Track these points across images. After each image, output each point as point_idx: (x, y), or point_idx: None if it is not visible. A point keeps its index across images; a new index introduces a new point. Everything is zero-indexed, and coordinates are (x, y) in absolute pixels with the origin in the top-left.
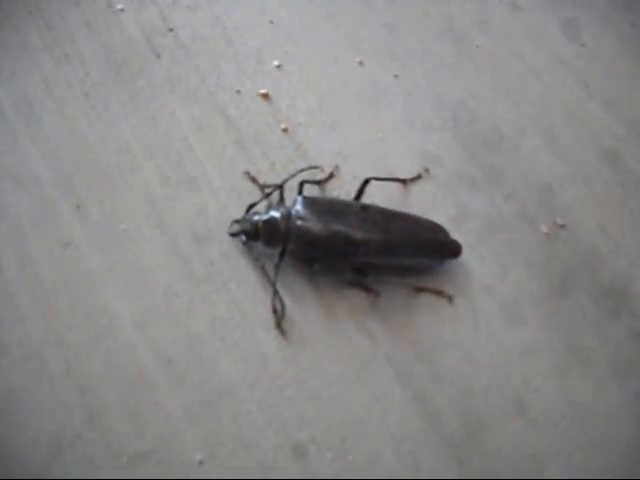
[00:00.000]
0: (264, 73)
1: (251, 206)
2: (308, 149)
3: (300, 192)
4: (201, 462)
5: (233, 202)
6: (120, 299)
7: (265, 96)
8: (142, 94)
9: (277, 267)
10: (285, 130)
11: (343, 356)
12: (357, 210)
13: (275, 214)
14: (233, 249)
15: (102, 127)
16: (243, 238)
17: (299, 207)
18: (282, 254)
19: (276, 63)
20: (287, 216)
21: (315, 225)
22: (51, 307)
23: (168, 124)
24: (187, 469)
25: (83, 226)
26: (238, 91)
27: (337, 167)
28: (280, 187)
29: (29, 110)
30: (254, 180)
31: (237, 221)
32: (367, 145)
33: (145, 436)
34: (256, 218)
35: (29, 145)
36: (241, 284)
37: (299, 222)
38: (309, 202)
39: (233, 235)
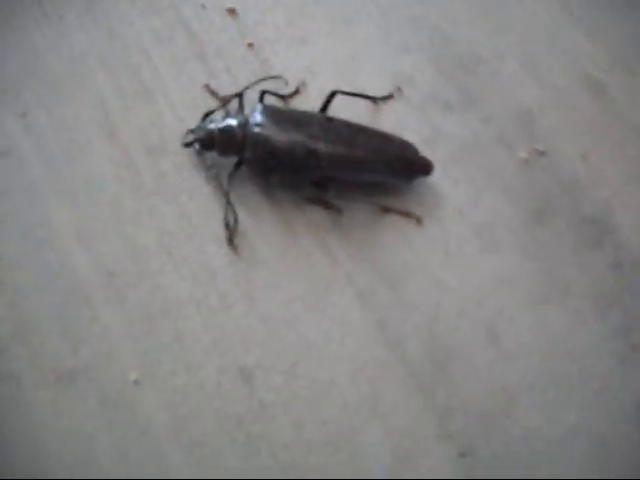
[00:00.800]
0: None
1: (207, 114)
2: (274, 65)
3: (261, 101)
4: (137, 381)
5: (190, 115)
6: (62, 209)
7: (231, 11)
8: (100, 4)
9: (231, 177)
10: (250, 45)
11: (300, 274)
12: (321, 121)
13: (232, 122)
14: (186, 161)
15: (55, 37)
16: (197, 147)
17: (258, 115)
18: (238, 164)
19: None
20: (244, 124)
21: (275, 134)
22: None
23: (126, 35)
24: (121, 388)
25: (27, 135)
26: (203, 5)
27: (303, 83)
28: (239, 96)
29: None
30: (214, 93)
31: (192, 130)
32: (337, 62)
33: (78, 353)
34: (212, 126)
35: None
36: (193, 197)
37: (257, 129)
38: (269, 111)
39: (187, 145)
